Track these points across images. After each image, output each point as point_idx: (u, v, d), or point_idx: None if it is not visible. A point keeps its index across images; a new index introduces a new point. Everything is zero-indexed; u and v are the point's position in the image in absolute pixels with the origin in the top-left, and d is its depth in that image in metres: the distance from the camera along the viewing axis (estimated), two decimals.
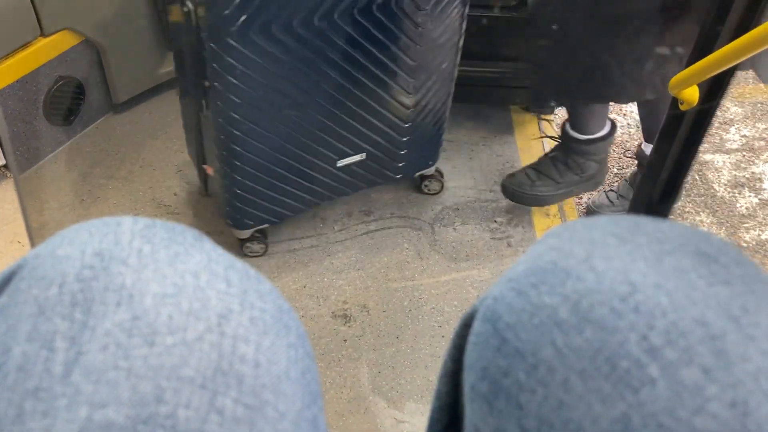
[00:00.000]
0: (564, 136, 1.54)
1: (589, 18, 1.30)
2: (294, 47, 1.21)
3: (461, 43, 1.42)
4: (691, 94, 0.97)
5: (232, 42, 1.16)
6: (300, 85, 1.27)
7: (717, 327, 0.25)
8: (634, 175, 1.64)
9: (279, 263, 1.47)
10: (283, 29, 1.18)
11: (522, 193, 1.55)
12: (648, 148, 1.54)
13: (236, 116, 1.25)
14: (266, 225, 1.48)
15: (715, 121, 1.97)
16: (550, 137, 1.64)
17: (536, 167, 1.57)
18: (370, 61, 1.31)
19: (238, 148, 1.30)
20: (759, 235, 1.70)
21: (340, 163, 1.44)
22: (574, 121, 1.51)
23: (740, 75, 2.28)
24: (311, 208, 1.53)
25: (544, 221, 1.61)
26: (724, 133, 2.05)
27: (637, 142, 1.97)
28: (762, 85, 2.24)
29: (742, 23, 0.91)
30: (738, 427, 0.22)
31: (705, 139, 1.03)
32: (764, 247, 1.68)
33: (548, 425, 0.25)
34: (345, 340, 1.32)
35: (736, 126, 2.07)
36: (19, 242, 1.48)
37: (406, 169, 1.56)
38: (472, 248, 1.52)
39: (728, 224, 1.73)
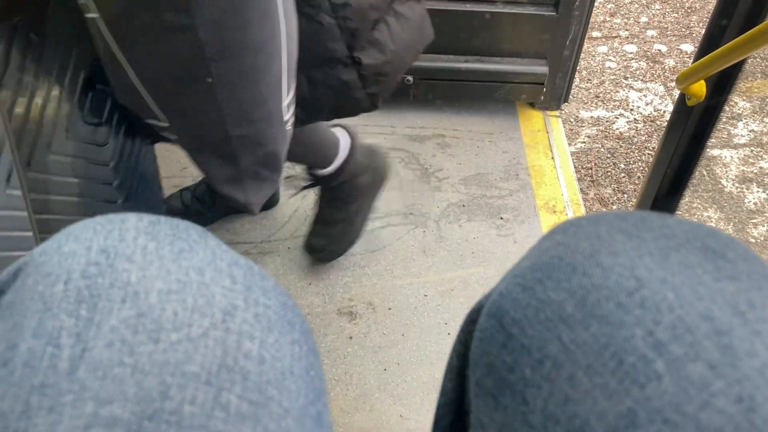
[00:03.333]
0: (315, 180, 1.37)
1: None
2: None
3: None
4: (699, 89, 0.97)
5: None
6: None
7: (723, 322, 0.24)
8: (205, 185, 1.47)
9: (284, 260, 1.47)
10: None
11: (332, 248, 1.43)
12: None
13: None
14: None
15: (723, 116, 1.96)
16: (306, 188, 1.43)
17: (324, 219, 1.43)
18: None
19: None
20: (767, 230, 1.69)
21: None
22: (309, 162, 1.32)
23: (748, 69, 2.26)
24: None
25: (551, 218, 1.60)
26: (732, 128, 2.03)
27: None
28: None
29: (750, 17, 0.91)
30: (744, 423, 0.22)
31: (712, 134, 1.03)
32: None
33: (554, 421, 0.25)
34: (350, 338, 1.32)
35: (744, 121, 2.06)
36: None
37: None
38: (478, 245, 1.52)
39: (736, 220, 1.72)
